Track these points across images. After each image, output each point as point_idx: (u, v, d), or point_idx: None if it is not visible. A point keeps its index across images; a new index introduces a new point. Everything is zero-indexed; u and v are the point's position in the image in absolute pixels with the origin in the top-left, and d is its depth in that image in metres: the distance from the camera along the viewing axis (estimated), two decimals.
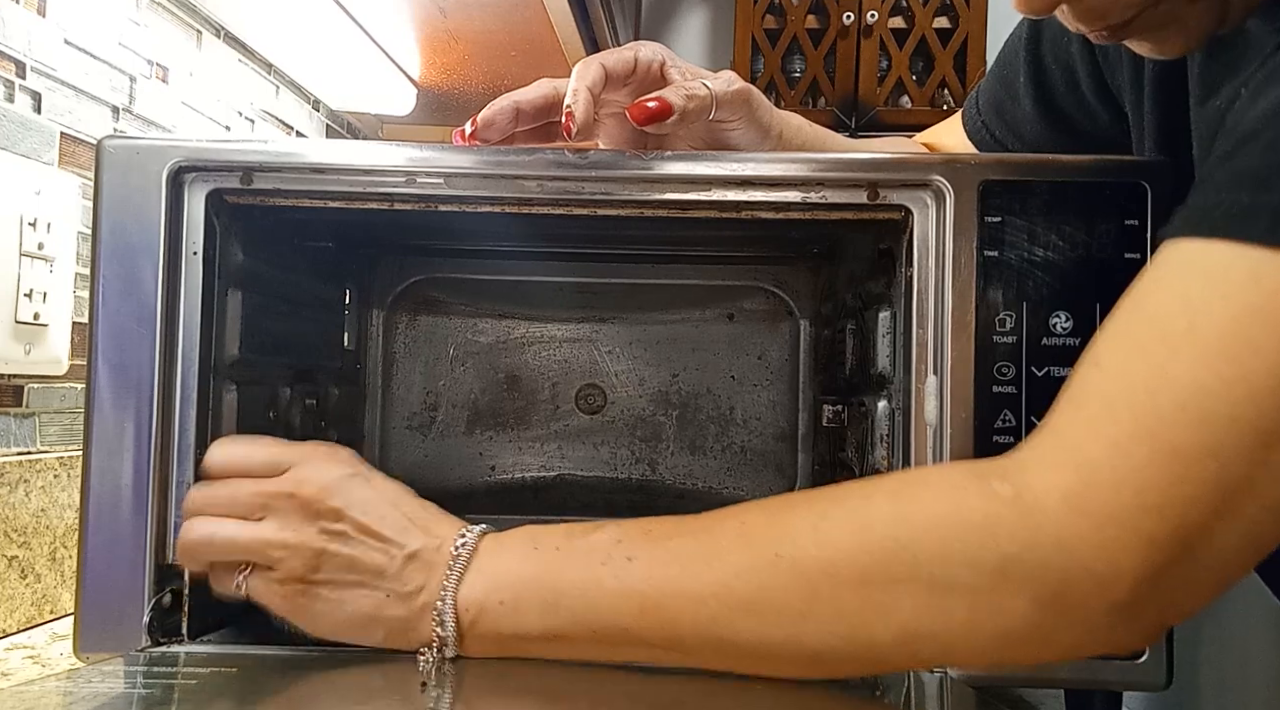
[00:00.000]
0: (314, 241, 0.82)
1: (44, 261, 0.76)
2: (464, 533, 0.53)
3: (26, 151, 0.76)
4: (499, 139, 0.63)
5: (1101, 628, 0.44)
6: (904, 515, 0.46)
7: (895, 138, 0.96)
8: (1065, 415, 0.46)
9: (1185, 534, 0.42)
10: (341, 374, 0.89)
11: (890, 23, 2.23)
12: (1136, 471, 0.42)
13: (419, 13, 1.05)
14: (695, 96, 0.62)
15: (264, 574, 0.53)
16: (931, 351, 0.59)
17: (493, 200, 0.61)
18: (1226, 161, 0.45)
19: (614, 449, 0.95)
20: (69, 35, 0.81)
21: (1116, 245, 0.58)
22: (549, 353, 0.96)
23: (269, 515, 0.53)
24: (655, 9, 2.48)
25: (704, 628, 0.48)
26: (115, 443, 0.58)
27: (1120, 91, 0.66)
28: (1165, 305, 0.44)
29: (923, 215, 0.59)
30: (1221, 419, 0.41)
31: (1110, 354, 0.45)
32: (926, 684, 0.56)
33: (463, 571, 0.51)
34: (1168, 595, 0.43)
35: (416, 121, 1.43)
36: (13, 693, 0.49)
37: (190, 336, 0.59)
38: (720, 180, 0.60)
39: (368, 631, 0.53)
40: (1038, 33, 0.71)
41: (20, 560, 0.74)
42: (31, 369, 0.76)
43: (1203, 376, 0.42)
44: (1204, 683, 1.23)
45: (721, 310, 0.96)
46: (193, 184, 0.60)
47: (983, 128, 0.78)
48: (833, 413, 0.86)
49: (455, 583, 0.51)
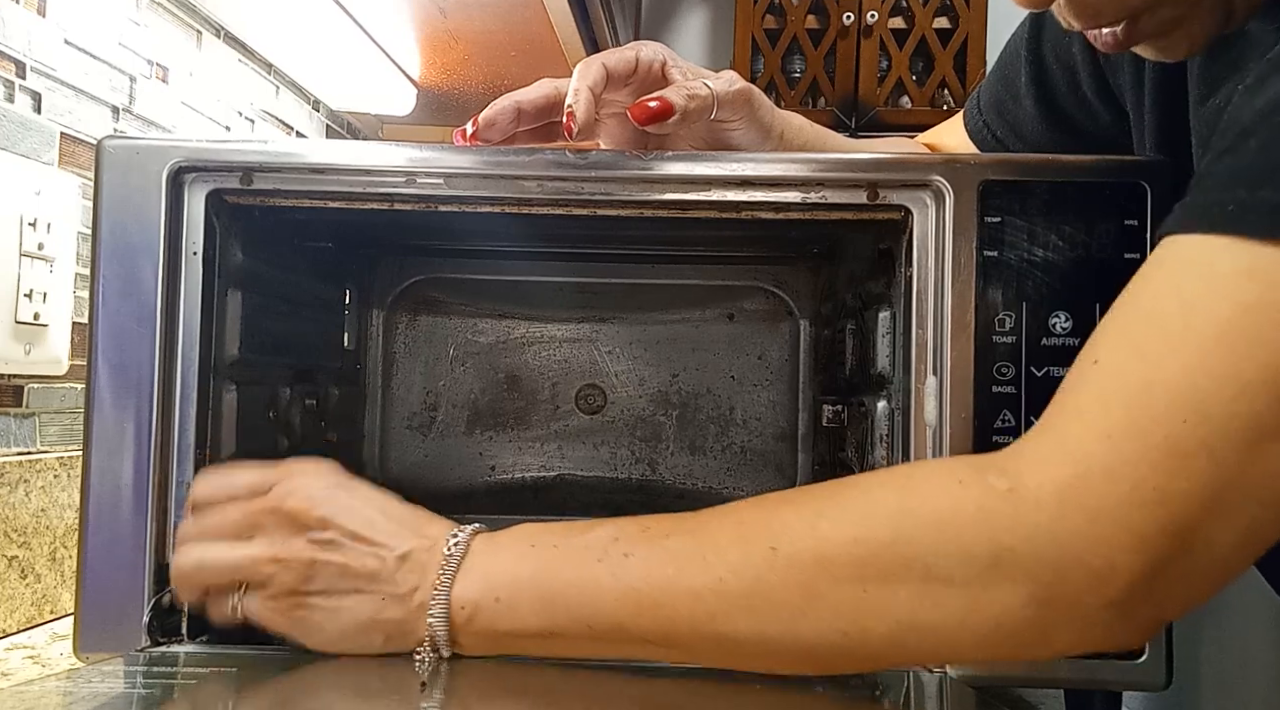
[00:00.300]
0: (314, 241, 0.82)
1: (44, 261, 0.76)
2: (455, 533, 0.53)
3: (26, 151, 0.76)
4: (500, 139, 0.63)
5: (1097, 624, 0.44)
6: (900, 509, 0.46)
7: (896, 138, 0.96)
8: (1061, 410, 0.46)
9: (1180, 530, 0.42)
10: (341, 374, 0.89)
11: (890, 23, 2.23)
12: (1131, 466, 0.42)
13: (419, 13, 1.05)
14: (697, 96, 0.62)
15: (258, 592, 0.53)
16: (931, 351, 0.59)
17: (492, 200, 0.61)
18: (1223, 158, 0.45)
19: (614, 449, 0.95)
20: (69, 35, 0.81)
21: (1116, 245, 0.58)
22: (549, 353, 0.96)
23: (258, 533, 0.53)
24: (655, 9, 2.48)
25: (701, 624, 0.48)
26: (115, 443, 0.58)
27: (1121, 92, 0.66)
28: (1161, 301, 0.44)
29: (922, 215, 0.59)
30: (1216, 415, 0.41)
31: (1106, 350, 0.45)
32: (926, 684, 0.56)
33: (456, 570, 0.51)
34: (1163, 591, 0.43)
35: (416, 122, 1.43)
36: (12, 693, 0.49)
37: (190, 336, 0.59)
38: (720, 180, 0.60)
39: (367, 637, 0.52)
40: (1039, 32, 0.71)
41: (20, 560, 0.74)
42: (31, 369, 0.76)
43: (1197, 372, 0.42)
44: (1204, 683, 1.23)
45: (721, 310, 0.96)
46: (193, 184, 0.60)
47: (984, 128, 0.78)
48: (832, 413, 0.86)
49: (449, 581, 0.51)
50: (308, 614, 0.52)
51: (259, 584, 0.53)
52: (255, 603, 0.53)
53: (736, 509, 0.50)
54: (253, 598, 0.53)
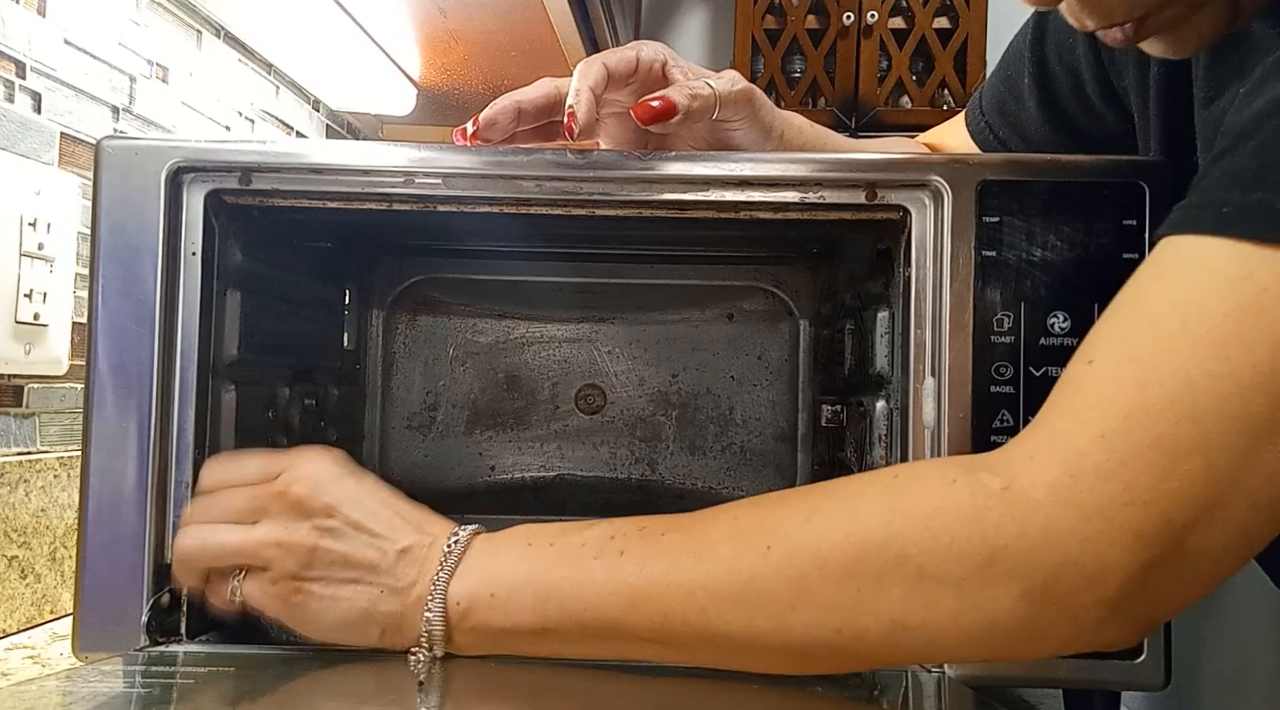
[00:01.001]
0: (313, 241, 0.82)
1: (44, 261, 0.76)
2: (456, 531, 0.53)
3: (26, 151, 0.76)
4: (501, 139, 0.63)
5: (1090, 623, 0.44)
6: (894, 507, 0.46)
7: (896, 138, 0.96)
8: (1055, 409, 0.46)
9: (1173, 530, 0.42)
10: (341, 374, 0.89)
11: (890, 23, 2.23)
12: (1124, 465, 0.42)
13: (419, 13, 1.05)
14: (699, 96, 0.62)
15: (258, 576, 0.53)
16: (929, 351, 0.59)
17: (491, 200, 0.61)
18: (1222, 159, 0.45)
19: (614, 449, 0.95)
20: (69, 35, 0.81)
21: (1115, 245, 0.58)
22: (549, 353, 0.96)
23: (263, 518, 0.54)
24: (655, 9, 2.48)
25: (694, 620, 0.48)
26: (114, 442, 0.58)
27: (1126, 94, 0.66)
28: (1157, 301, 0.44)
29: (921, 215, 0.59)
30: (1210, 415, 0.41)
31: (1102, 349, 0.45)
32: (924, 684, 0.56)
33: (455, 567, 0.52)
34: (1156, 591, 0.43)
35: (416, 122, 1.43)
36: (12, 692, 0.49)
37: (189, 336, 0.59)
38: (718, 180, 0.60)
39: (363, 629, 0.52)
40: (1042, 34, 0.71)
41: (20, 560, 0.74)
42: (31, 369, 0.77)
43: (1192, 373, 0.42)
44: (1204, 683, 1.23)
45: (721, 310, 0.96)
46: (192, 184, 0.60)
47: (986, 128, 0.78)
48: (832, 413, 0.86)
49: (447, 578, 0.51)
50: (306, 600, 0.52)
51: (260, 568, 0.53)
52: (254, 586, 0.53)
53: (733, 508, 0.51)
54: (252, 581, 0.53)
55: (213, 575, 0.55)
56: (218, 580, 0.55)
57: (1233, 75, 0.54)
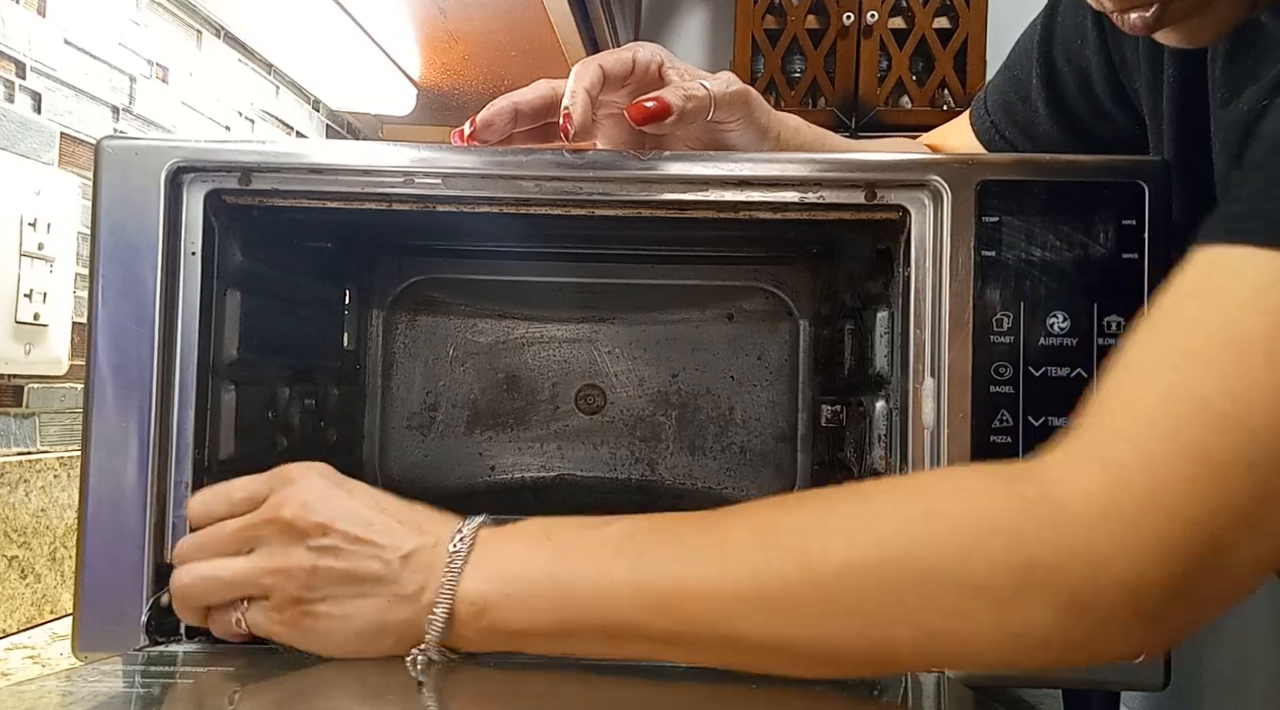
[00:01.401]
0: (313, 241, 0.82)
1: (44, 261, 0.76)
2: (460, 528, 0.52)
3: (26, 151, 0.76)
4: (498, 139, 0.63)
5: (1125, 633, 0.43)
6: (928, 515, 0.45)
7: (896, 138, 0.96)
8: (1093, 419, 0.45)
9: (1212, 542, 0.41)
10: (341, 374, 0.89)
11: (890, 23, 2.23)
12: (1166, 478, 0.41)
13: (419, 13, 1.05)
14: (694, 97, 0.62)
15: (261, 605, 0.52)
16: (929, 351, 0.59)
17: (490, 200, 0.61)
18: (1258, 170, 0.45)
19: (614, 449, 0.95)
20: (69, 35, 0.81)
21: (1114, 245, 0.58)
22: (549, 353, 0.96)
23: (257, 546, 0.52)
24: (655, 9, 2.48)
25: (720, 625, 0.47)
26: (114, 443, 0.58)
27: (1137, 95, 0.66)
28: (1196, 312, 0.43)
29: (920, 215, 0.59)
30: (1253, 427, 0.40)
31: (1140, 360, 0.45)
32: (924, 684, 0.56)
33: (462, 566, 0.50)
34: (1192, 602, 0.42)
35: (416, 122, 1.43)
36: (12, 692, 0.49)
37: (189, 336, 0.59)
38: (718, 181, 0.60)
39: (378, 640, 0.51)
40: (1050, 34, 0.71)
41: (20, 560, 0.74)
42: (31, 369, 0.77)
43: (1235, 384, 0.41)
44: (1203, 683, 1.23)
45: (721, 310, 0.96)
46: (191, 184, 0.60)
47: (991, 128, 0.78)
48: (831, 413, 0.86)
49: (456, 578, 0.50)
50: (314, 622, 0.51)
51: (261, 597, 0.52)
52: (259, 615, 0.52)
53: (756, 509, 0.49)
54: (256, 611, 0.52)
55: (213, 609, 0.54)
56: (219, 613, 0.53)
57: (1249, 76, 0.53)
